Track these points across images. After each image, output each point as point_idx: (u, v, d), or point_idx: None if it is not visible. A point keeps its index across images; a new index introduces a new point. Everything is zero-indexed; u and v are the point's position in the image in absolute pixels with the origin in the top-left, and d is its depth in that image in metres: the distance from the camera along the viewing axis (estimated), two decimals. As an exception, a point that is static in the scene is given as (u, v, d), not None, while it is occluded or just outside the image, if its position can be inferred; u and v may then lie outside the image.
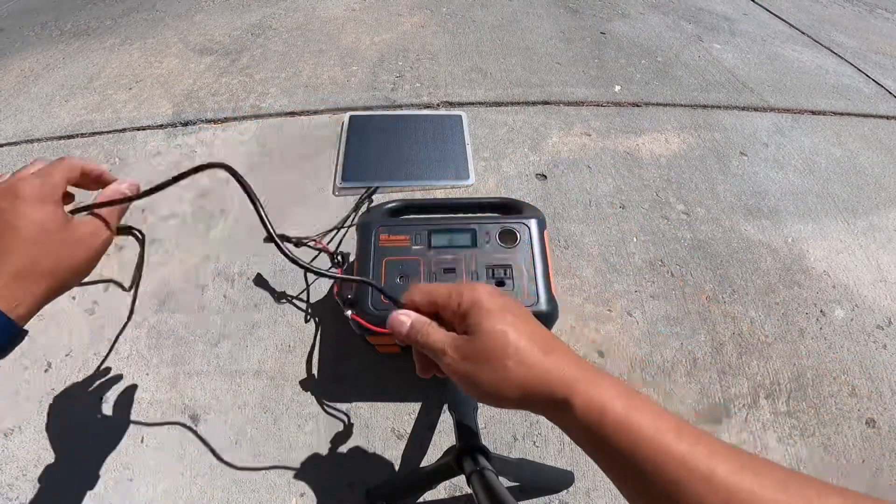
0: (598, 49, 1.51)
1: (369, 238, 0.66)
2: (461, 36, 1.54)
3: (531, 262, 0.64)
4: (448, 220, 0.68)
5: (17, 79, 1.41)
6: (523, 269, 0.63)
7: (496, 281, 0.62)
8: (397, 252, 0.65)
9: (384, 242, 0.66)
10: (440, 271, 0.63)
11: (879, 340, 0.85)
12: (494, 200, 0.74)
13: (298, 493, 0.67)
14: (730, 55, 1.53)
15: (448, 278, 0.62)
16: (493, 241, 0.65)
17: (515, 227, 0.66)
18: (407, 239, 0.66)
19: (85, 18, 1.73)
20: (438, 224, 0.67)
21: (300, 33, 1.55)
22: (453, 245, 0.65)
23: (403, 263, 0.64)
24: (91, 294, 0.88)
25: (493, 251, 0.65)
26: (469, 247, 0.65)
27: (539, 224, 0.67)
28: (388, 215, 0.72)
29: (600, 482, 0.68)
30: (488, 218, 0.68)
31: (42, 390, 0.76)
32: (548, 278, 0.63)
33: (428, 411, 0.74)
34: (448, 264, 0.63)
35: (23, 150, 1.16)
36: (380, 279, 0.63)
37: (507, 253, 0.65)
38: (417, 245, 0.65)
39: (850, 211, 1.06)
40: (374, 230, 0.67)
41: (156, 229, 0.97)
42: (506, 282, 0.62)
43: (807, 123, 1.28)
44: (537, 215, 0.68)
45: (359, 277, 0.44)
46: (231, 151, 1.13)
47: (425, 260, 0.64)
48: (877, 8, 2.06)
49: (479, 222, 0.67)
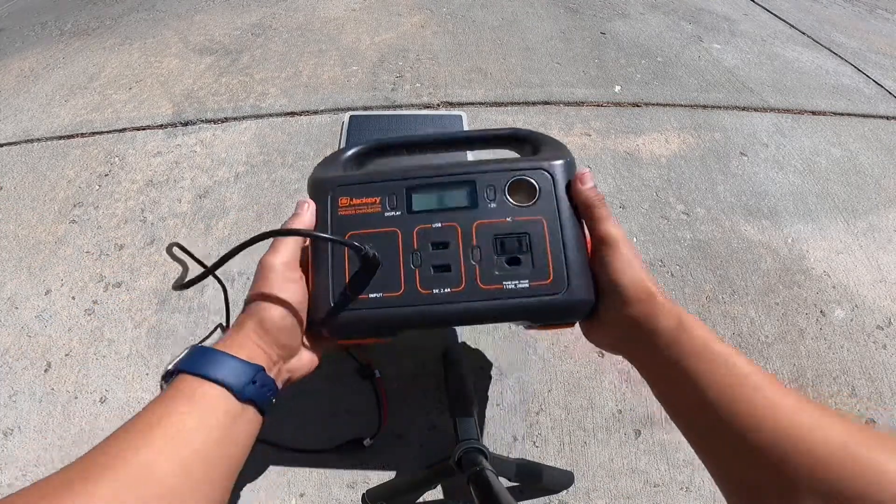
0: (598, 49, 1.51)
1: (324, 204, 0.46)
2: (461, 36, 1.54)
3: (558, 228, 0.43)
4: (434, 170, 0.47)
5: (17, 79, 1.41)
6: (546, 238, 0.43)
7: (507, 258, 0.43)
8: (364, 222, 0.45)
9: (345, 209, 0.46)
10: (426, 246, 0.44)
11: (879, 340, 0.85)
12: (501, 132, 0.54)
13: (298, 494, 0.67)
14: (730, 55, 1.53)
15: (439, 256, 0.44)
16: (502, 197, 0.45)
17: (533, 175, 0.46)
18: (377, 202, 0.46)
19: (85, 18, 1.73)
20: (421, 177, 0.46)
21: (300, 33, 1.55)
22: (443, 207, 0.45)
23: (374, 239, 0.44)
24: (91, 294, 0.88)
25: (502, 213, 0.45)
26: (466, 208, 0.45)
27: (567, 168, 0.46)
28: (352, 165, 0.52)
29: (600, 482, 0.68)
30: (493, 164, 0.47)
31: (42, 390, 0.76)
32: (583, 250, 0.44)
33: (428, 411, 0.74)
34: (437, 236, 0.44)
35: (23, 149, 1.16)
36: (341, 265, 0.44)
37: (522, 215, 0.45)
38: (392, 210, 0.45)
39: (850, 211, 1.06)
40: (331, 193, 0.46)
41: (156, 229, 0.97)
42: (521, 258, 0.43)
43: (807, 124, 1.28)
44: (564, 155, 0.47)
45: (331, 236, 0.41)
46: (231, 151, 1.13)
47: (404, 231, 0.45)
48: (877, 8, 2.06)
49: (479, 171, 0.46)
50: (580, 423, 0.74)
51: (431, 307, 0.42)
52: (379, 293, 0.42)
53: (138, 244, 0.95)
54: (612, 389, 0.77)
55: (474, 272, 0.43)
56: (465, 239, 0.44)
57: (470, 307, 0.42)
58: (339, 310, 0.42)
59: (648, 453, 0.71)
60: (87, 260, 0.93)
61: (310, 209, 0.45)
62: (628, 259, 0.40)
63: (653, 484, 0.68)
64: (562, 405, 0.75)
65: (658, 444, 0.72)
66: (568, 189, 0.45)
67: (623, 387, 0.77)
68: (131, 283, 0.89)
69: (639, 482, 0.69)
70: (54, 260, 0.93)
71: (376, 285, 0.43)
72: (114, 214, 1.00)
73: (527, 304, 0.42)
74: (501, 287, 0.42)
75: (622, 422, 0.74)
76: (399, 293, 0.42)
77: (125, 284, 0.89)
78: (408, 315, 0.42)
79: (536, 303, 0.42)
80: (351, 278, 0.43)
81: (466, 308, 0.42)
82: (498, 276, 0.42)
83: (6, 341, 0.81)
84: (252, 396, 0.35)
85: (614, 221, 0.42)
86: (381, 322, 0.42)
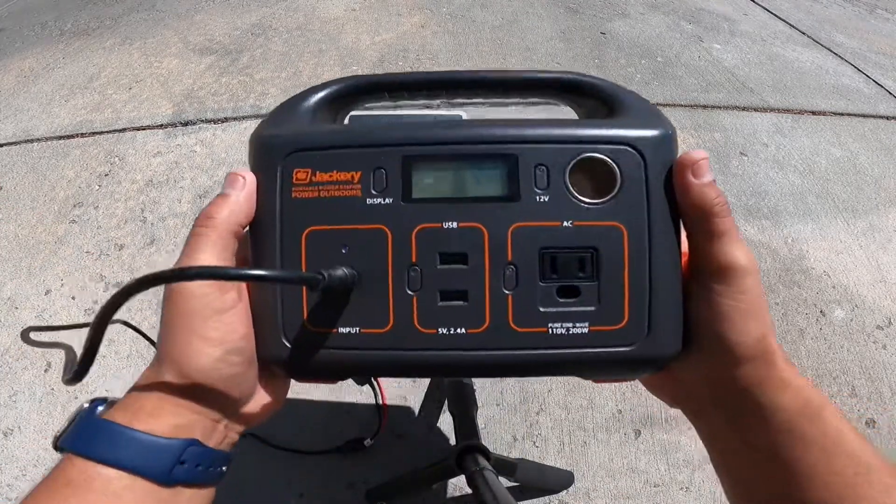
0: (598, 49, 1.51)
1: (271, 178, 0.28)
2: (461, 36, 1.54)
3: (645, 242, 0.27)
4: (449, 131, 0.29)
5: (17, 79, 1.41)
6: (625, 256, 0.27)
7: (560, 286, 0.27)
8: (332, 212, 0.27)
9: (303, 189, 0.27)
10: (431, 259, 0.27)
11: (879, 340, 0.85)
12: (552, 77, 0.33)
13: (298, 494, 0.67)
14: (730, 55, 1.54)
15: (451, 277, 0.27)
16: (559, 186, 0.27)
17: (611, 152, 0.27)
18: (354, 179, 0.27)
19: (85, 18, 1.73)
20: (427, 143, 0.28)
21: (300, 33, 1.55)
22: (462, 195, 0.28)
23: (348, 241, 0.27)
24: (91, 294, 0.88)
25: (558, 211, 0.27)
26: (499, 199, 0.27)
27: (666, 146, 0.28)
28: (319, 117, 0.31)
29: (600, 482, 0.68)
30: (545, 128, 0.28)
31: (42, 390, 0.76)
32: (679, 278, 0.27)
33: (428, 411, 0.74)
34: (450, 243, 0.27)
35: (23, 149, 1.16)
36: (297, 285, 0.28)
37: (591, 217, 0.27)
38: (379, 194, 0.27)
39: (849, 211, 1.06)
40: (281, 162, 0.28)
41: (156, 229, 0.97)
42: (581, 288, 0.27)
43: (807, 124, 1.28)
44: (659, 124, 0.28)
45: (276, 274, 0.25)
46: (231, 151, 1.13)
47: (398, 231, 0.27)
48: (877, 8, 2.06)
49: (523, 139, 0.28)
50: (580, 423, 0.74)
51: (434, 353, 0.27)
52: (355, 328, 0.27)
53: (138, 244, 0.95)
54: (612, 389, 0.77)
55: (505, 305, 0.27)
56: (494, 251, 0.27)
57: (494, 358, 0.27)
58: (298, 347, 0.27)
59: (648, 453, 0.71)
60: (87, 260, 0.93)
61: (245, 189, 0.28)
62: (755, 303, 0.26)
63: (653, 484, 0.68)
64: (562, 405, 0.75)
65: (658, 444, 0.72)
66: (667, 180, 0.27)
67: (623, 387, 0.77)
68: (131, 283, 0.89)
69: (639, 482, 0.69)
70: (54, 260, 0.93)
71: (351, 314, 0.27)
72: (114, 214, 1.00)
73: (581, 357, 0.27)
74: (546, 331, 0.27)
75: (622, 422, 0.74)
76: (385, 329, 0.27)
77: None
78: (398, 361, 0.28)
79: (597, 356, 0.27)
80: (311, 303, 0.27)
81: (488, 359, 0.27)
82: (542, 315, 0.27)
83: (6, 341, 0.81)
84: (185, 479, 0.25)
85: (742, 242, 0.27)
86: (358, 367, 0.29)
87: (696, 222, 0.28)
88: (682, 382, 0.30)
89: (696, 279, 0.28)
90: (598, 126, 0.29)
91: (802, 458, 0.26)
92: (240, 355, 0.27)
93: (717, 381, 0.28)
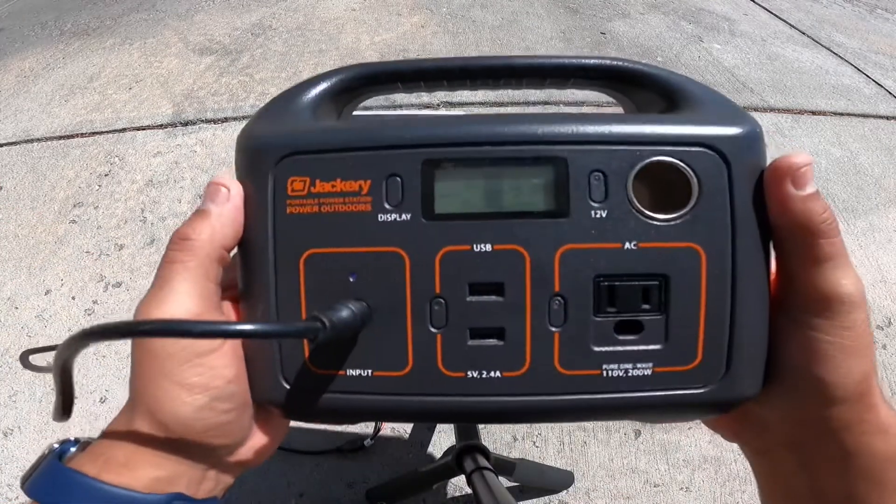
0: (599, 49, 1.51)
1: (261, 188, 0.23)
2: (461, 36, 1.54)
3: (728, 267, 0.22)
4: (480, 128, 0.22)
5: (17, 78, 1.41)
6: (702, 285, 0.22)
7: (618, 322, 0.22)
8: (335, 232, 0.22)
9: (300, 202, 0.22)
10: (459, 289, 0.22)
11: (879, 340, 0.85)
12: (601, 64, 0.27)
13: (298, 494, 0.67)
14: (730, 55, 1.54)
15: (483, 311, 0.22)
16: (619, 197, 0.22)
17: (685, 155, 0.21)
18: (363, 190, 0.22)
19: (85, 18, 1.73)
20: (453, 143, 0.22)
21: (300, 33, 1.55)
22: (496, 210, 0.22)
23: (356, 265, 0.22)
24: (91, 294, 0.88)
25: (616, 231, 0.22)
26: (544, 215, 0.22)
27: (752, 146, 0.22)
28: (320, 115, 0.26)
29: (600, 482, 0.69)
30: (600, 125, 0.22)
31: (42, 390, 0.76)
32: (766, 309, 0.23)
33: (428, 411, 0.74)
34: (482, 271, 0.22)
35: (23, 149, 1.16)
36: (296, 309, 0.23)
37: (659, 237, 0.22)
38: (394, 209, 0.22)
39: (850, 211, 1.06)
40: (273, 168, 0.23)
41: (156, 229, 0.97)
42: (644, 323, 0.22)
43: (807, 124, 1.28)
44: (740, 120, 0.22)
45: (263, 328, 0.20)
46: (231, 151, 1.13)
47: (417, 255, 0.22)
48: (877, 8, 2.06)
49: (572, 138, 0.22)
50: (580, 423, 0.74)
51: (462, 399, 0.23)
52: (366, 370, 0.23)
53: (138, 244, 0.95)
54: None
55: (551, 345, 0.22)
56: (537, 280, 0.22)
57: (534, 404, 0.23)
58: (299, 389, 0.23)
59: (648, 453, 0.71)
60: (87, 260, 0.93)
61: (230, 202, 0.23)
62: (860, 339, 0.22)
63: (653, 484, 0.68)
64: (562, 405, 0.75)
65: (658, 444, 0.72)
66: (755, 189, 0.22)
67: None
68: (131, 283, 0.89)
69: (639, 482, 0.69)
70: (54, 260, 0.93)
71: (362, 355, 0.22)
72: (114, 214, 1.00)
73: (642, 402, 0.23)
74: (599, 373, 0.22)
75: (622, 422, 0.74)
76: (403, 372, 0.22)
77: (125, 284, 0.89)
78: (418, 408, 0.23)
79: (661, 400, 0.23)
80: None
81: (528, 405, 0.23)
82: (596, 356, 0.22)
83: (6, 341, 0.81)
84: None
85: (852, 268, 0.23)
86: (370, 412, 0.26)
87: (793, 243, 0.22)
88: (753, 420, 0.26)
89: (786, 309, 0.23)
90: (668, 122, 0.23)
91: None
92: (229, 401, 0.22)
93: (801, 422, 0.24)
